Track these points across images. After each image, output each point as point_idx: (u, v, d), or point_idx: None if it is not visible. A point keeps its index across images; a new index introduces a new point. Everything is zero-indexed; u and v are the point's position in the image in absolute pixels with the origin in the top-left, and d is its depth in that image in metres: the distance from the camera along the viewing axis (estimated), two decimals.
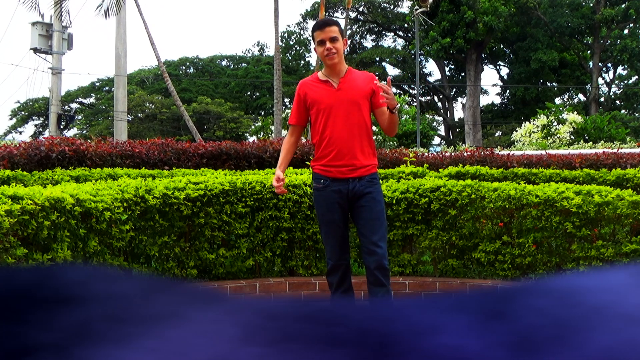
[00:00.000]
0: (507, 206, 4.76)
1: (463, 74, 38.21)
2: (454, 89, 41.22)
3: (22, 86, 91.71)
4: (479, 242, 4.90)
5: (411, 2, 32.81)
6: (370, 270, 3.31)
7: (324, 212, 3.40)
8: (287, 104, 36.67)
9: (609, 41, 34.55)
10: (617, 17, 32.51)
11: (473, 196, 4.88)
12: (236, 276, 4.90)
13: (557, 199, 4.61)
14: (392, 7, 40.68)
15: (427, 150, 16.58)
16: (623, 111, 37.85)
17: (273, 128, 18.74)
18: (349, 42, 3.88)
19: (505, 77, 42.12)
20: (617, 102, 39.81)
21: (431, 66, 60.09)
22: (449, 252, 5.03)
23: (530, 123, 22.26)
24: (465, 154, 8.60)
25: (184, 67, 45.78)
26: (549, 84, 39.59)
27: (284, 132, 19.39)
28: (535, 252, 4.70)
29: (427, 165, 7.17)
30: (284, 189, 3.45)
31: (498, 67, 42.81)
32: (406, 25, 38.47)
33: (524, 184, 4.99)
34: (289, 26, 49.87)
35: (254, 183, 4.97)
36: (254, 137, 25.57)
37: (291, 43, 43.09)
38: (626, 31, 34.52)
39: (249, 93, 44.85)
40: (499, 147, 25.37)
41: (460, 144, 27.07)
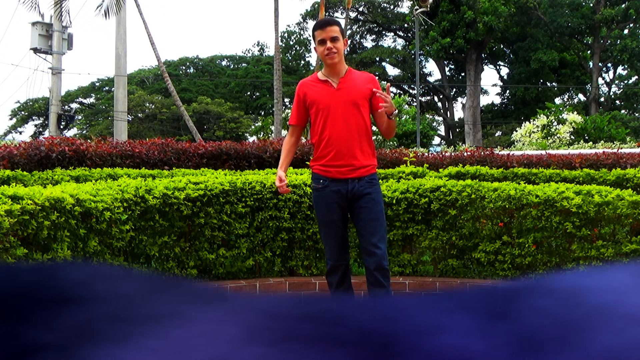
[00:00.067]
0: (507, 206, 4.76)
1: (463, 74, 38.21)
2: (454, 89, 41.22)
3: (22, 86, 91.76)
4: (479, 242, 4.90)
5: (411, 2, 32.81)
6: (370, 271, 3.30)
7: (323, 212, 3.39)
8: (287, 104, 36.67)
9: (609, 41, 34.54)
10: (617, 17, 32.51)
11: (473, 196, 4.88)
12: (236, 276, 4.90)
13: (557, 199, 4.61)
14: (392, 7, 40.69)
15: (427, 150, 16.58)
16: (623, 111, 37.85)
17: (273, 128, 18.74)
18: (349, 42, 3.88)
19: (505, 77, 42.14)
20: (617, 102, 39.81)
21: (431, 66, 60.13)
22: (449, 252, 5.03)
23: (530, 123, 22.25)
24: (465, 154, 8.60)
25: (184, 67, 45.78)
26: (549, 84, 39.59)
27: (284, 132, 19.39)
28: (535, 252, 4.70)
29: (427, 165, 7.17)
30: (287, 188, 3.43)
31: (498, 67, 42.83)
32: (406, 25, 38.47)
33: (524, 184, 4.99)
34: (289, 26, 49.92)
35: (254, 183, 4.97)
36: (254, 137, 25.57)
37: (291, 43, 43.09)
38: (626, 31, 34.52)
39: (249, 93, 44.85)
40: (499, 147, 25.37)
41: (460, 144, 27.06)
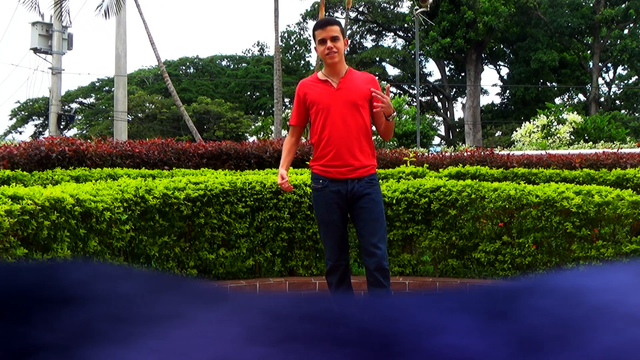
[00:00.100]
0: (507, 206, 4.76)
1: (463, 74, 38.21)
2: (454, 89, 41.22)
3: (22, 86, 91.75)
4: (479, 242, 4.90)
5: (411, 2, 32.81)
6: (370, 272, 3.30)
7: (322, 212, 3.39)
8: (287, 104, 36.67)
9: (609, 41, 34.54)
10: (617, 17, 32.50)
11: (473, 196, 4.88)
12: (236, 276, 4.90)
13: (557, 199, 4.61)
14: (392, 7, 40.68)
15: (427, 150, 16.58)
16: (623, 111, 37.84)
17: (273, 128, 18.74)
18: (349, 42, 3.87)
19: (505, 77, 42.13)
20: (617, 102, 39.80)
21: (431, 66, 60.11)
22: (449, 252, 5.03)
23: (530, 123, 22.25)
24: (465, 154, 8.60)
25: (184, 67, 45.78)
26: (549, 84, 39.58)
27: (284, 132, 19.39)
28: (535, 252, 4.70)
29: (427, 165, 7.17)
30: (289, 185, 3.40)
31: (498, 67, 42.83)
32: (406, 25, 38.47)
33: (524, 184, 4.99)
34: (289, 26, 49.92)
35: (254, 183, 4.97)
36: (254, 137, 25.57)
37: (291, 43, 43.08)
38: (626, 31, 34.51)
39: (249, 93, 44.85)
40: (499, 147, 25.37)
41: (460, 144, 27.06)
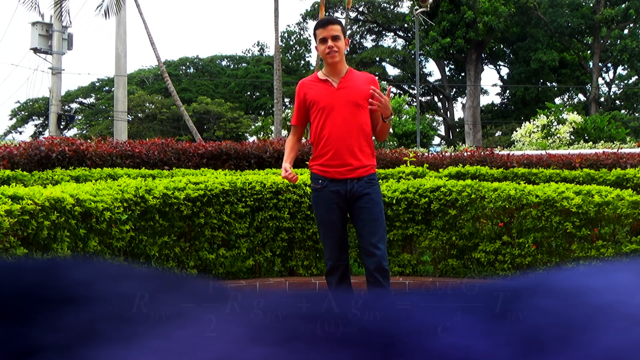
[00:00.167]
0: (507, 206, 4.76)
1: (463, 74, 38.21)
2: (454, 89, 41.21)
3: (22, 86, 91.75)
4: (479, 242, 4.90)
5: (411, 2, 32.81)
6: (370, 272, 3.30)
7: (322, 212, 3.38)
8: (287, 104, 36.67)
9: (609, 41, 34.54)
10: (617, 17, 32.50)
11: (473, 196, 4.88)
12: (236, 276, 4.90)
13: (557, 199, 4.61)
14: (392, 7, 40.68)
15: (427, 150, 16.58)
16: (623, 111, 37.84)
17: (273, 128, 18.74)
18: (349, 42, 3.86)
19: (505, 77, 42.13)
20: (617, 102, 39.80)
21: (431, 66, 60.11)
22: (449, 252, 5.03)
23: (530, 123, 22.25)
24: (465, 154, 8.60)
25: (184, 67, 45.78)
26: (549, 84, 39.58)
27: (284, 132, 19.39)
28: (535, 252, 4.70)
29: (427, 165, 7.17)
30: (294, 174, 3.33)
31: (498, 67, 42.83)
32: (406, 25, 38.47)
33: (524, 184, 4.98)
34: (289, 26, 49.93)
35: (254, 183, 4.97)
36: (254, 137, 25.58)
37: (291, 43, 43.09)
38: (626, 31, 34.51)
39: (249, 93, 44.85)
40: (499, 147, 25.36)
41: (460, 144, 27.06)
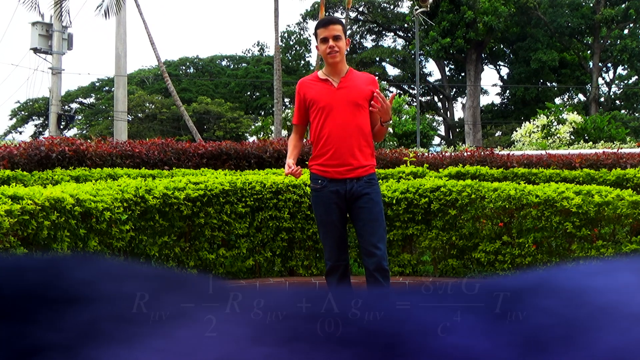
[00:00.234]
0: (507, 206, 4.76)
1: (463, 74, 38.21)
2: (454, 89, 41.21)
3: (22, 86, 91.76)
4: (479, 242, 4.90)
5: (411, 2, 32.81)
6: (370, 272, 3.29)
7: (321, 212, 3.38)
8: (287, 104, 36.68)
9: (609, 41, 34.54)
10: (617, 17, 32.50)
11: (473, 196, 4.88)
12: (236, 276, 4.90)
13: (557, 199, 4.61)
14: (392, 7, 40.68)
15: (427, 150, 16.58)
16: (623, 111, 37.84)
17: (273, 128, 18.75)
18: (350, 42, 3.86)
19: (505, 77, 42.13)
20: (617, 102, 39.80)
21: (431, 66, 60.15)
22: (449, 252, 5.03)
23: (530, 123, 22.25)
24: (465, 154, 8.60)
25: (184, 67, 45.78)
26: (549, 84, 39.58)
27: (284, 132, 19.40)
28: (535, 252, 4.70)
29: (427, 165, 7.18)
30: (298, 169, 3.26)
31: (498, 67, 42.82)
32: (406, 25, 38.46)
33: (524, 184, 4.98)
34: (289, 26, 49.93)
35: (254, 183, 4.97)
36: (254, 137, 25.59)
37: (291, 43, 43.08)
38: (626, 31, 34.51)
39: (249, 93, 44.85)
40: (499, 147, 25.36)
41: (460, 144, 27.06)
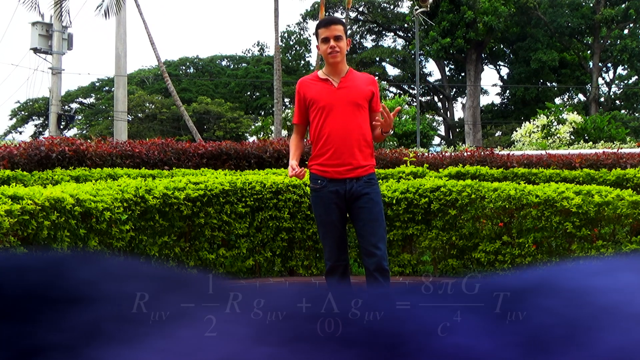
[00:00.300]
0: (507, 206, 4.76)
1: (463, 74, 38.20)
2: (454, 89, 41.21)
3: (22, 86, 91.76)
4: (479, 242, 4.90)
5: (411, 2, 32.81)
6: (370, 272, 3.29)
7: (321, 213, 3.38)
8: (287, 104, 36.67)
9: (609, 41, 34.54)
10: (617, 17, 32.50)
11: (473, 196, 4.88)
12: (236, 276, 4.90)
13: (557, 199, 4.61)
14: (392, 7, 40.68)
15: (427, 150, 16.58)
16: (623, 111, 37.84)
17: (273, 128, 18.74)
18: (350, 42, 3.85)
19: (505, 77, 42.12)
20: (617, 102, 39.80)
21: (431, 66, 60.14)
22: (449, 252, 5.03)
23: (530, 123, 22.25)
24: (465, 154, 8.60)
25: (184, 67, 45.77)
26: (549, 84, 39.58)
27: (284, 132, 19.40)
28: (535, 252, 4.70)
29: (427, 165, 7.18)
30: (302, 170, 3.25)
31: (498, 67, 42.82)
32: (406, 25, 38.47)
33: (524, 184, 4.98)
34: (289, 26, 49.92)
35: (254, 183, 4.97)
36: (254, 137, 25.59)
37: (291, 43, 43.09)
38: (626, 31, 34.51)
39: (249, 93, 44.84)
40: (499, 147, 25.37)
41: (460, 144, 27.06)
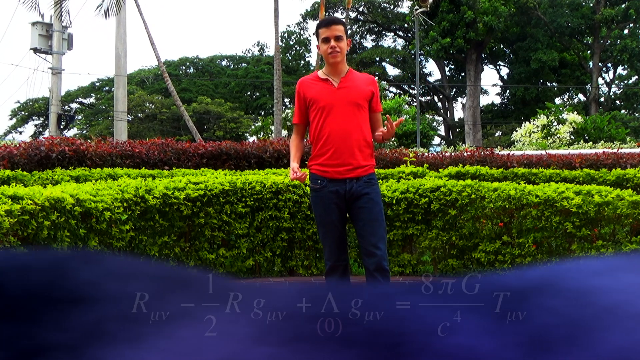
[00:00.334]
0: (507, 206, 4.76)
1: (463, 74, 38.20)
2: (454, 89, 41.21)
3: (22, 86, 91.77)
4: (479, 242, 4.90)
5: (411, 2, 32.81)
6: (370, 272, 3.29)
7: (321, 213, 3.37)
8: (287, 104, 36.68)
9: (609, 41, 34.54)
10: (617, 17, 32.51)
11: (473, 196, 4.88)
12: (236, 276, 4.90)
13: (557, 199, 4.61)
14: (392, 7, 40.68)
15: (427, 150, 16.59)
16: (623, 111, 37.84)
17: (273, 128, 18.74)
18: (351, 42, 3.85)
19: (505, 77, 42.12)
20: (617, 102, 39.80)
21: (431, 66, 60.16)
22: (449, 252, 5.03)
23: (530, 123, 22.25)
24: (465, 154, 8.60)
25: (184, 67, 45.77)
26: (549, 84, 39.57)
27: (284, 132, 19.40)
28: (535, 252, 4.70)
29: (427, 165, 7.18)
30: (303, 173, 3.28)
31: (498, 67, 42.81)
32: (406, 25, 38.47)
33: (524, 184, 4.98)
34: (289, 26, 49.92)
35: (254, 183, 4.97)
36: (254, 137, 25.59)
37: (291, 43, 43.09)
38: (626, 31, 34.51)
39: (249, 93, 44.84)
40: (499, 147, 25.37)
41: (460, 144, 27.06)
